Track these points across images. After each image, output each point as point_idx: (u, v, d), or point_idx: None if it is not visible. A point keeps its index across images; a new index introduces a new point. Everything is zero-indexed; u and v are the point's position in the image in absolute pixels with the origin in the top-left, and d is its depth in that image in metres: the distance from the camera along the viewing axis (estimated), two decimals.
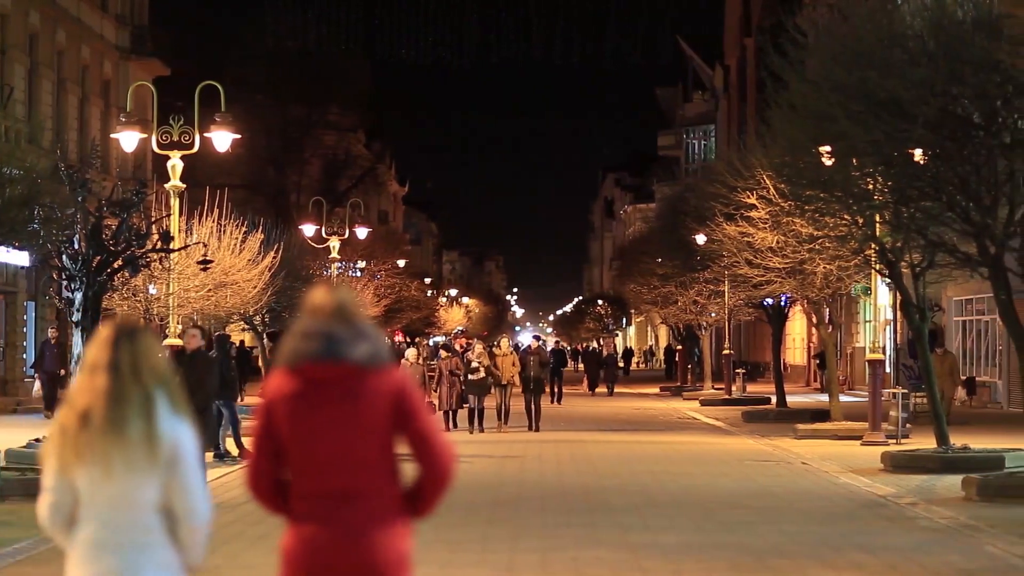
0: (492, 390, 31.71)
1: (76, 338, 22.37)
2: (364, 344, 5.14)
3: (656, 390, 58.36)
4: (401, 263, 67.99)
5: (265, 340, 38.67)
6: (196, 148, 26.85)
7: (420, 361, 33.31)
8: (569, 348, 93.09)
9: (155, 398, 5.06)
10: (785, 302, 37.40)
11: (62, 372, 33.79)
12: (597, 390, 57.08)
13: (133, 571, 4.98)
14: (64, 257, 22.21)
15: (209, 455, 23.05)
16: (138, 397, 5.05)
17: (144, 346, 5.15)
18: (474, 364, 31.33)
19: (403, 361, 31.72)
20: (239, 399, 25.27)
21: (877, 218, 21.56)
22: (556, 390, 46.92)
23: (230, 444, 24.49)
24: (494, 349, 34.45)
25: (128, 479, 5.00)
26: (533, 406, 32.23)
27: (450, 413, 31.23)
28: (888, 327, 41.99)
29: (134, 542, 4.99)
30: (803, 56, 21.04)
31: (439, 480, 5.18)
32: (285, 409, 5.16)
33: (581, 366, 61.28)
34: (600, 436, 30.67)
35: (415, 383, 5.86)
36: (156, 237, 23.43)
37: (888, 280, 25.27)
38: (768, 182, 27.36)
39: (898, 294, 24.96)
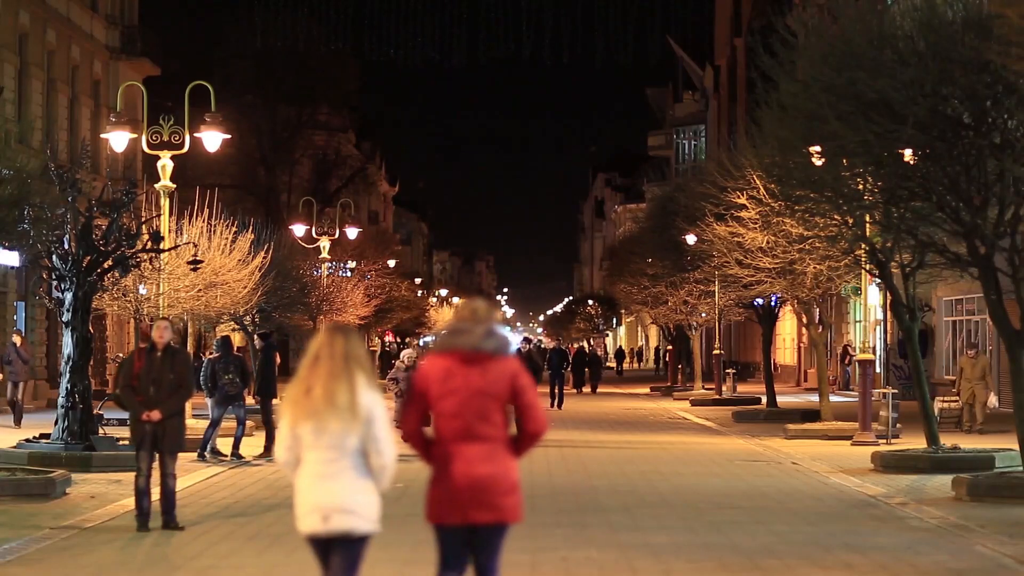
0: None
1: (66, 338, 22.33)
2: (498, 339, 7.77)
3: (646, 390, 58.40)
4: (391, 263, 67.94)
5: (256, 341, 38.54)
6: (186, 148, 26.86)
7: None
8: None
9: (357, 379, 7.49)
10: (775, 302, 37.42)
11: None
12: (583, 389, 57.35)
13: (352, 490, 7.48)
14: (54, 257, 22.19)
15: (193, 455, 22.93)
16: (345, 378, 7.49)
17: (352, 342, 7.59)
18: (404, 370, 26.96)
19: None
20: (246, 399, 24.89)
21: (867, 218, 21.55)
22: (557, 392, 44.74)
23: (224, 444, 24.32)
24: None
25: (339, 432, 7.48)
26: None
27: None
28: (878, 327, 41.96)
29: (347, 473, 7.48)
30: (793, 56, 21.02)
31: (535, 436, 7.87)
32: (440, 378, 7.73)
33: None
34: (590, 436, 30.63)
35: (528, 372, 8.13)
36: (146, 237, 23.41)
37: (878, 280, 25.28)
38: (758, 182, 27.36)
39: (888, 294, 24.98)
